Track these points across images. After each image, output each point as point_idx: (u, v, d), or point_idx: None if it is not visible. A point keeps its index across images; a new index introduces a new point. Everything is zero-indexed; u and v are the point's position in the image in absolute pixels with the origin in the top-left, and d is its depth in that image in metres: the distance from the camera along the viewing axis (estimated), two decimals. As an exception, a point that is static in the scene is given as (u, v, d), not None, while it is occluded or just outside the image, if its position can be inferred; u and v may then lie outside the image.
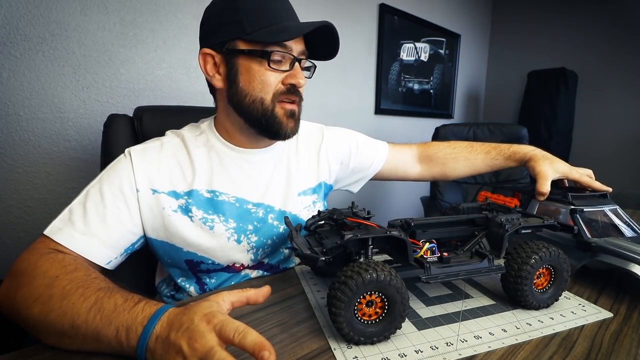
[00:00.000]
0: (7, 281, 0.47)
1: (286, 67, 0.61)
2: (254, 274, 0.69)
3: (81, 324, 0.39)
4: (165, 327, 0.37)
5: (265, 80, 0.60)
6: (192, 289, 0.67)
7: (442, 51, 2.47)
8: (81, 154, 1.13)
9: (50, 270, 0.46)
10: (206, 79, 0.65)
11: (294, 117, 0.65)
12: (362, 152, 0.84)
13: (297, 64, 0.62)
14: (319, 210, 0.60)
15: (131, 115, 0.87)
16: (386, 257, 0.61)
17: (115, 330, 0.38)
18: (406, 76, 2.28)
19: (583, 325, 0.47)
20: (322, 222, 0.58)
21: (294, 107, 0.64)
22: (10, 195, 1.03)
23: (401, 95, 2.28)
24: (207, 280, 0.67)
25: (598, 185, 0.71)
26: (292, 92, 0.63)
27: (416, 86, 2.36)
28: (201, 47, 0.63)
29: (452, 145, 0.89)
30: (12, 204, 1.03)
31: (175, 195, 0.62)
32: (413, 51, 2.28)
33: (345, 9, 1.86)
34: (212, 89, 0.67)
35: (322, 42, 0.64)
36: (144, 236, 0.62)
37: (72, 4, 1.06)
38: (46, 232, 0.53)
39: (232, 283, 0.67)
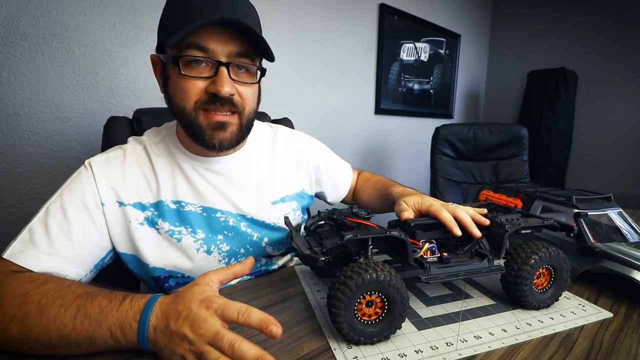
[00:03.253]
0: None
1: (208, 72, 0.54)
2: (234, 281, 0.65)
3: (69, 332, 0.39)
4: (160, 317, 0.37)
5: (182, 88, 0.54)
6: None
7: (442, 51, 2.47)
8: (81, 154, 1.13)
9: (18, 288, 0.43)
10: None
11: (225, 129, 0.57)
12: (333, 174, 0.83)
13: (222, 69, 0.53)
14: (318, 211, 0.60)
15: (131, 117, 0.87)
16: (386, 257, 0.61)
17: (108, 331, 0.38)
18: (406, 76, 2.28)
19: (583, 325, 0.47)
20: (322, 222, 0.58)
21: (222, 118, 0.56)
22: (10, 195, 1.03)
23: (401, 95, 2.28)
24: None
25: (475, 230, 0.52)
26: (214, 101, 0.55)
27: (416, 86, 2.36)
28: None
29: (366, 179, 0.86)
30: (12, 204, 1.03)
31: (142, 207, 0.59)
32: (413, 51, 2.27)
33: (345, 9, 1.86)
34: None
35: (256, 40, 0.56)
36: (114, 250, 0.59)
37: (72, 4, 1.06)
38: (5, 255, 0.49)
39: None
